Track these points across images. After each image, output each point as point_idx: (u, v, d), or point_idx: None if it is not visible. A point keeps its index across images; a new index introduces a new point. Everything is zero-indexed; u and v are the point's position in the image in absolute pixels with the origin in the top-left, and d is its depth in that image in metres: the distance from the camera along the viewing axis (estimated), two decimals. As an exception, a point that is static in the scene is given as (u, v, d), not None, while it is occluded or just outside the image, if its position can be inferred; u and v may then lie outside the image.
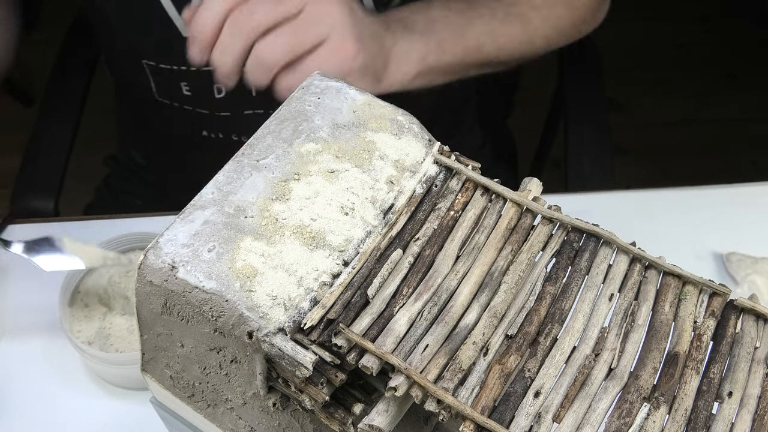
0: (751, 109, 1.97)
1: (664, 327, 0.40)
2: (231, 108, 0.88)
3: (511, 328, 0.40)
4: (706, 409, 0.38)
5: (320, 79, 0.49)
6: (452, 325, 0.39)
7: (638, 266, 0.43)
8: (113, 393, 0.70)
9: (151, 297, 0.42)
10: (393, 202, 0.44)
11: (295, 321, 0.39)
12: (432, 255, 0.42)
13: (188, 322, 0.41)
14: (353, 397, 0.40)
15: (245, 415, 0.44)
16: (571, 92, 1.07)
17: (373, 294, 0.40)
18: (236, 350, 0.40)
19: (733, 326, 0.41)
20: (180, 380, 0.45)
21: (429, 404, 0.36)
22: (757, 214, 0.83)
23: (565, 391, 0.38)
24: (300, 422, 0.42)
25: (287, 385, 0.39)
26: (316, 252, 0.41)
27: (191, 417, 0.47)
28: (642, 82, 1.96)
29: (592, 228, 0.43)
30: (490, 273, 0.42)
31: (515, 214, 0.44)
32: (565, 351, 0.39)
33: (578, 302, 0.41)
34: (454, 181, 0.46)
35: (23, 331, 0.73)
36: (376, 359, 0.37)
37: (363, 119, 0.47)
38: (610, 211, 0.82)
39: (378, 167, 0.45)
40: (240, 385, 0.42)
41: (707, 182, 0.87)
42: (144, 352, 0.46)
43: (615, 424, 0.37)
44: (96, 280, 0.72)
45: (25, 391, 0.70)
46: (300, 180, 0.44)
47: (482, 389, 0.37)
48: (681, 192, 0.86)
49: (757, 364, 0.39)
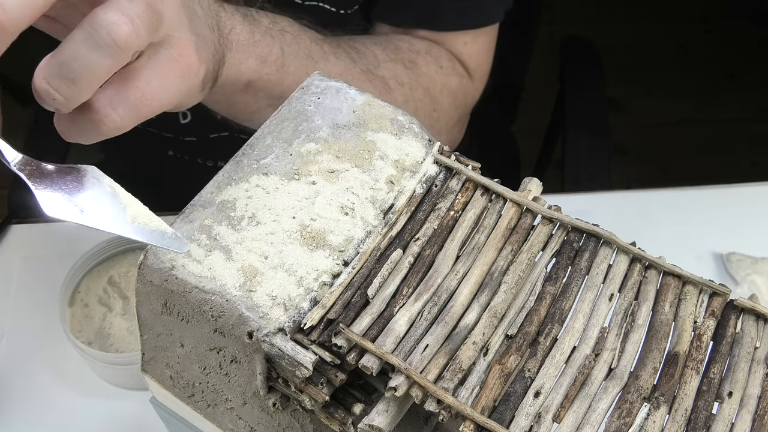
0: (751, 109, 1.97)
1: (664, 327, 0.40)
2: (197, 133, 0.84)
3: (511, 328, 0.40)
4: (706, 409, 0.38)
5: (320, 79, 0.49)
6: (452, 325, 0.39)
7: (638, 266, 0.43)
8: (113, 393, 0.70)
9: (151, 297, 0.42)
10: (393, 202, 0.44)
11: (295, 321, 0.39)
12: (432, 255, 0.42)
13: (188, 322, 0.41)
14: (353, 397, 0.40)
15: (245, 415, 0.44)
16: (570, 92, 1.07)
17: (373, 294, 0.40)
18: (236, 350, 0.40)
19: (733, 326, 0.41)
20: (180, 380, 0.45)
21: (429, 404, 0.36)
22: (757, 214, 0.82)
23: (565, 391, 0.38)
24: (300, 422, 0.42)
25: (287, 385, 0.39)
26: (316, 252, 0.41)
27: (191, 417, 0.47)
28: (642, 82, 1.96)
29: (592, 228, 0.43)
30: (490, 273, 0.42)
31: (515, 214, 0.44)
32: (565, 351, 0.39)
33: (578, 302, 0.41)
34: (454, 181, 0.46)
35: (23, 331, 0.73)
36: (376, 359, 0.37)
37: (363, 119, 0.47)
38: (610, 211, 0.82)
39: (378, 167, 0.45)
40: (240, 385, 0.42)
41: (707, 182, 0.87)
42: (144, 352, 0.46)
43: (615, 424, 0.37)
44: (96, 280, 0.72)
45: (25, 391, 0.69)
46: (300, 180, 0.44)
47: (482, 389, 0.37)
48: (681, 192, 0.86)
49: (757, 364, 0.39)
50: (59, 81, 0.38)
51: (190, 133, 0.84)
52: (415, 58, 0.76)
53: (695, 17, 2.14)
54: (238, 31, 0.58)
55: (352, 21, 0.79)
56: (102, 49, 0.38)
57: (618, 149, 1.78)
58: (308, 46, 0.66)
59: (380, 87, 0.72)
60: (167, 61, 0.44)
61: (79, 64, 0.38)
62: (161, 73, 0.44)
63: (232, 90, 0.59)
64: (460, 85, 0.80)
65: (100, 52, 0.38)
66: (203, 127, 0.83)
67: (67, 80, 0.38)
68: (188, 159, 0.88)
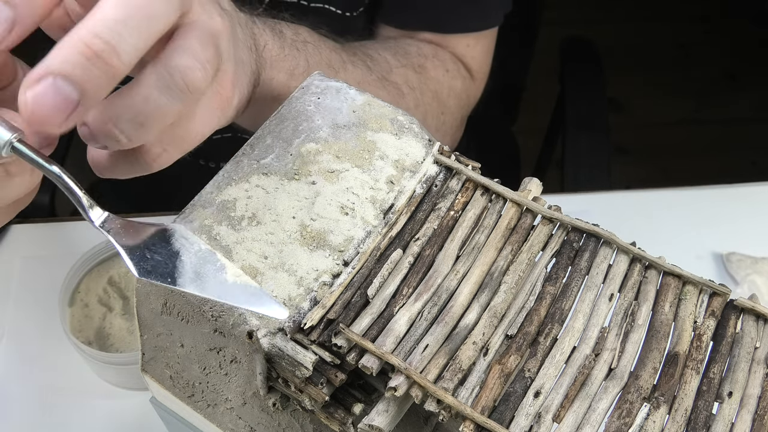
0: (751, 109, 1.97)
1: (664, 327, 0.40)
2: None
3: (511, 328, 0.40)
4: (706, 409, 0.38)
5: (320, 78, 0.49)
6: (452, 325, 0.39)
7: (638, 266, 0.43)
8: (113, 393, 0.70)
9: (151, 297, 0.42)
10: (393, 202, 0.44)
11: (295, 321, 0.39)
12: (432, 255, 0.42)
13: (188, 322, 0.41)
14: (353, 397, 0.40)
15: (245, 415, 0.44)
16: (570, 92, 1.07)
17: (373, 294, 0.40)
18: (236, 350, 0.40)
19: (733, 326, 0.41)
20: (180, 380, 0.45)
21: (429, 404, 0.36)
22: (757, 214, 0.82)
23: (565, 391, 0.38)
24: (300, 422, 0.42)
25: (287, 385, 0.39)
26: (316, 252, 0.41)
27: (191, 417, 0.47)
28: (642, 82, 1.96)
29: (592, 228, 0.43)
30: (490, 273, 0.42)
31: (515, 214, 0.44)
32: (565, 351, 0.39)
33: (578, 302, 0.41)
34: (454, 181, 0.46)
35: (23, 331, 0.73)
36: (376, 359, 0.37)
37: (363, 119, 0.47)
38: (610, 211, 0.82)
39: (378, 167, 0.45)
40: (240, 385, 0.42)
41: (707, 182, 0.87)
42: (144, 352, 0.46)
43: (615, 424, 0.37)
44: (96, 280, 0.72)
45: (25, 391, 0.69)
46: (300, 180, 0.44)
47: (482, 389, 0.37)
48: (681, 192, 0.86)
49: (757, 364, 0.39)
50: (127, 124, 0.37)
51: None
52: (424, 63, 0.77)
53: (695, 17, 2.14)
54: (270, 47, 0.58)
55: (357, 23, 0.80)
56: (175, 93, 0.37)
57: (618, 149, 1.78)
58: (328, 56, 0.67)
59: (394, 93, 0.73)
60: (211, 96, 0.44)
61: (150, 108, 0.37)
62: (206, 108, 0.43)
63: (262, 106, 0.59)
64: (464, 87, 0.82)
65: (172, 96, 0.37)
66: None
67: (136, 123, 0.37)
68: (190, 159, 0.88)
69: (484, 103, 0.86)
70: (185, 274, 0.36)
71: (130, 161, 0.41)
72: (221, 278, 0.37)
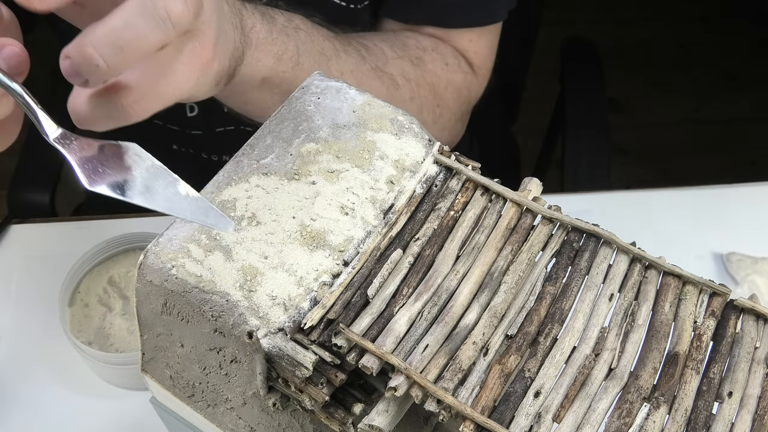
0: (751, 109, 1.97)
1: (664, 327, 0.40)
2: (203, 127, 0.84)
3: (511, 328, 0.40)
4: (706, 409, 0.38)
5: (320, 78, 0.49)
6: (452, 325, 0.39)
7: (638, 266, 0.43)
8: (113, 393, 0.70)
9: (151, 297, 0.42)
10: (393, 202, 0.44)
11: (295, 321, 0.39)
12: (432, 255, 0.42)
13: (188, 322, 0.41)
14: (353, 397, 0.40)
15: (245, 415, 0.44)
16: (571, 92, 1.07)
17: (373, 294, 0.40)
18: (236, 350, 0.40)
19: (733, 326, 0.41)
20: (180, 380, 0.45)
21: (429, 404, 0.36)
22: (757, 214, 0.82)
23: (565, 391, 0.38)
24: (300, 422, 0.42)
25: (287, 385, 0.39)
26: (316, 252, 0.41)
27: (191, 417, 0.47)
28: (642, 82, 1.96)
29: (592, 228, 0.43)
30: (490, 273, 0.42)
31: (515, 214, 0.44)
32: (565, 351, 0.39)
33: (578, 302, 0.41)
34: (454, 181, 0.46)
35: (23, 331, 0.73)
36: (376, 359, 0.37)
37: (363, 119, 0.47)
38: (610, 211, 0.82)
39: (378, 167, 0.45)
40: (240, 385, 0.42)
41: (707, 182, 0.87)
42: (144, 352, 0.46)
43: (615, 424, 0.37)
44: (96, 280, 0.72)
45: (25, 391, 0.69)
46: (300, 180, 0.44)
47: (482, 389, 0.37)
48: (681, 192, 0.86)
49: (757, 364, 0.39)
50: (107, 47, 0.38)
51: (196, 127, 0.85)
52: (422, 55, 0.77)
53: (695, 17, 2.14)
54: (258, 29, 0.59)
55: (361, 16, 0.80)
56: (155, 22, 0.38)
57: (618, 149, 1.78)
58: (321, 44, 0.67)
59: (388, 83, 0.73)
60: (191, 52, 0.44)
61: (131, 33, 0.38)
62: (185, 63, 0.44)
63: (248, 86, 0.60)
64: (465, 82, 0.82)
65: (153, 24, 0.38)
66: (210, 120, 0.83)
67: (116, 47, 0.38)
68: (193, 153, 0.89)
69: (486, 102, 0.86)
70: (135, 187, 0.38)
71: (107, 107, 0.41)
72: (171, 192, 0.38)
